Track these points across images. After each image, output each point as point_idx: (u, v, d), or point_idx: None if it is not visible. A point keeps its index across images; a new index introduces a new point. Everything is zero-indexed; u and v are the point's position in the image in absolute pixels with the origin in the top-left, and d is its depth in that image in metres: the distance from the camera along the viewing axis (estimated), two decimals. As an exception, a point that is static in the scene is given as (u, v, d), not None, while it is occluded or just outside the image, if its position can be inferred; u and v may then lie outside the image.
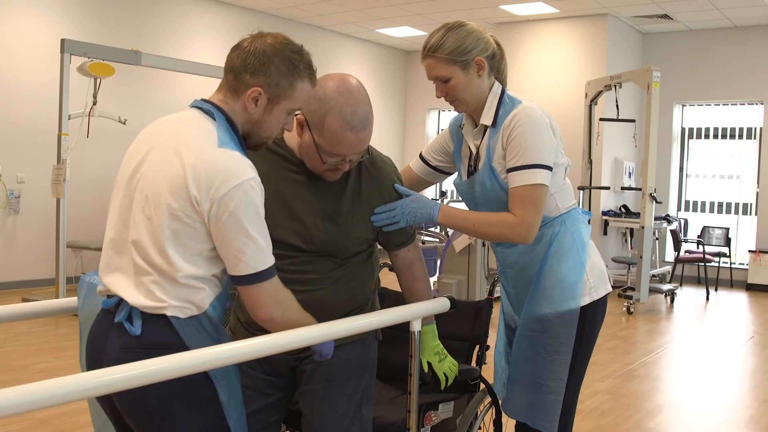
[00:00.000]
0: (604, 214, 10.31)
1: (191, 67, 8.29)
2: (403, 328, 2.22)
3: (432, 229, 9.32)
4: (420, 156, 2.58)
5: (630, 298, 8.13)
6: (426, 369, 2.32)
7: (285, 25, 11.12)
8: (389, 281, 2.60)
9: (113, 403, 1.84)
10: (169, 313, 1.76)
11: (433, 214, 2.23)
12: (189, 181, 1.72)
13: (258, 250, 1.75)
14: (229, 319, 2.38)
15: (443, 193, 10.04)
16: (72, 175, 7.13)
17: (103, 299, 1.86)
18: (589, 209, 9.56)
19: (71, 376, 1.41)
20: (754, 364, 6.17)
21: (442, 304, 2.33)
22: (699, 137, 11.16)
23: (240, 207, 1.72)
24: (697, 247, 10.16)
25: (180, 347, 1.74)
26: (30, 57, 8.19)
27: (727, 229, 10.49)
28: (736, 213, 10.87)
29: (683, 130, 11.22)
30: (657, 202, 8.30)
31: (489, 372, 2.63)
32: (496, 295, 2.72)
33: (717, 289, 10.15)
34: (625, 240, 10.75)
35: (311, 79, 1.91)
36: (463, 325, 2.74)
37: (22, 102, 8.13)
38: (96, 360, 1.82)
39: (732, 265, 10.53)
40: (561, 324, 2.28)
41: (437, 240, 9.29)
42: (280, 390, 2.26)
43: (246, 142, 1.90)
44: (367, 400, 2.26)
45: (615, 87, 8.90)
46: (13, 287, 8.08)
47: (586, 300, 2.30)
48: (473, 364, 2.70)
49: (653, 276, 9.62)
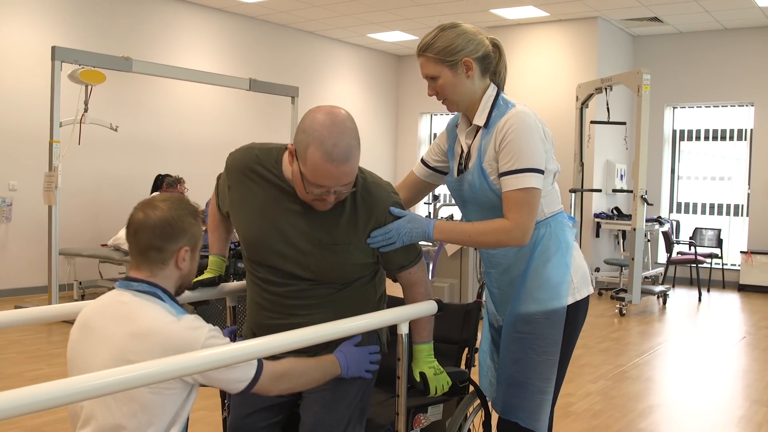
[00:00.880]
0: (596, 216, 10.34)
1: (182, 74, 8.30)
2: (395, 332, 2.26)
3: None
4: (421, 159, 2.63)
5: (622, 299, 8.15)
6: (418, 379, 2.33)
7: (276, 31, 11.14)
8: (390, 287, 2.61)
9: None
10: None
11: (429, 231, 2.27)
12: (166, 352, 1.81)
13: (237, 367, 1.91)
14: (242, 328, 2.46)
15: (436, 197, 10.06)
16: (64, 183, 7.13)
17: None
18: (581, 212, 9.61)
19: (61, 380, 1.43)
20: (745, 364, 6.19)
21: (430, 307, 2.35)
22: (690, 139, 11.21)
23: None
24: (689, 249, 10.20)
25: None
26: (21, 64, 8.19)
27: (719, 231, 10.53)
28: (727, 214, 10.91)
29: (674, 132, 11.27)
30: (648, 204, 8.33)
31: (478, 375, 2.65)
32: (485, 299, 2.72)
33: (709, 290, 10.18)
34: (618, 242, 10.78)
35: (201, 215, 2.13)
36: (452, 328, 2.75)
37: (12, 109, 8.13)
38: None
39: (724, 266, 10.57)
40: (548, 325, 2.33)
41: (429, 244, 9.31)
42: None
43: (177, 292, 2.10)
44: (362, 410, 2.30)
45: (606, 90, 8.94)
46: (6, 295, 8.07)
47: (569, 300, 2.35)
48: (462, 366, 2.71)
49: (645, 278, 9.65)
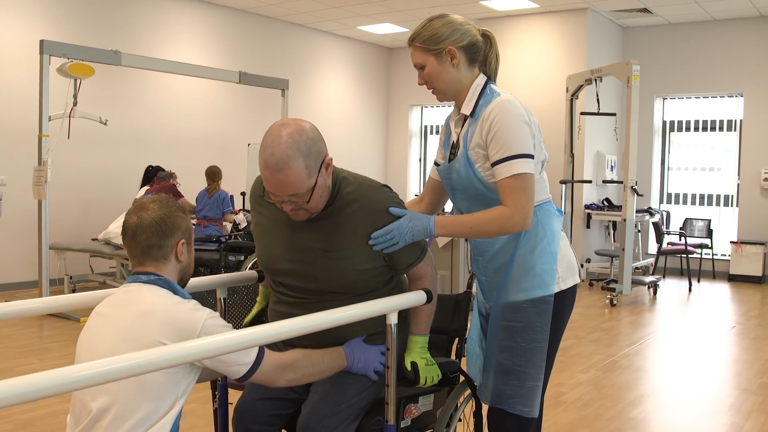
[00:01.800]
0: (586, 207, 10.37)
1: (172, 67, 8.27)
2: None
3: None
4: (434, 161, 2.64)
5: (613, 290, 8.19)
6: (409, 368, 2.36)
7: (266, 24, 11.11)
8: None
9: None
10: None
11: (430, 227, 2.28)
12: (168, 335, 1.96)
13: (240, 354, 2.00)
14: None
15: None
16: (53, 177, 7.11)
17: None
18: (572, 203, 9.63)
19: (56, 369, 1.47)
20: (735, 353, 6.23)
21: (418, 297, 2.36)
22: (680, 130, 11.24)
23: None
24: (680, 239, 10.24)
25: None
26: (9, 58, 8.14)
27: (709, 221, 10.58)
28: (717, 204, 10.96)
29: (664, 123, 11.30)
30: (638, 194, 8.35)
31: (468, 364, 2.66)
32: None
33: (699, 281, 10.23)
34: (608, 233, 10.82)
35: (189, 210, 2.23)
36: (442, 319, 2.76)
37: (1, 104, 8.09)
38: None
39: (714, 257, 10.62)
40: (536, 313, 2.36)
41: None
42: (300, 388, 2.39)
43: (180, 284, 2.20)
44: (360, 409, 2.34)
45: (595, 81, 8.95)
46: (-4, 290, 8.06)
47: (555, 289, 2.37)
48: (452, 356, 2.72)
49: (636, 268, 9.69)
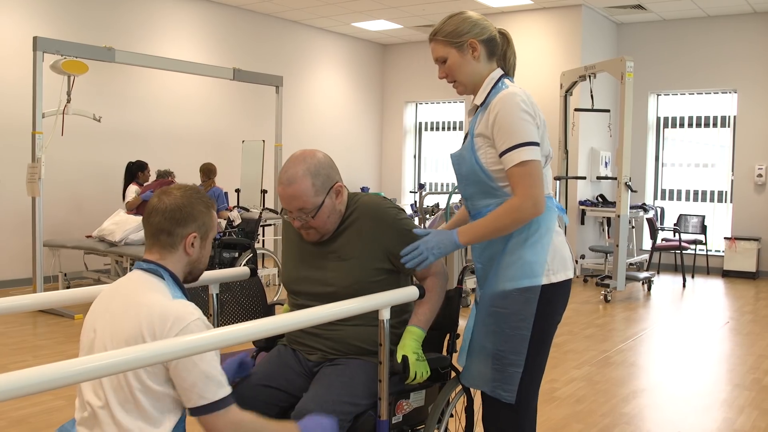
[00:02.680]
0: (581, 203, 10.38)
1: (165, 64, 8.26)
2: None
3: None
4: None
5: (607, 286, 8.21)
6: (399, 360, 2.39)
7: (260, 20, 11.10)
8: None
9: None
10: None
11: (455, 239, 2.36)
12: (145, 332, 1.95)
13: (209, 382, 1.94)
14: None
15: (422, 186, 10.06)
16: (47, 174, 7.09)
17: None
18: (566, 199, 9.65)
19: (54, 363, 1.44)
20: (728, 349, 6.25)
21: (410, 292, 2.37)
22: (674, 126, 11.26)
23: None
24: (674, 235, 10.26)
25: None
26: (2, 55, 8.12)
27: (703, 217, 10.60)
28: (711, 201, 10.98)
29: (658, 119, 11.32)
30: (632, 191, 8.38)
31: (460, 360, 2.66)
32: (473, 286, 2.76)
33: (693, 276, 10.26)
34: (602, 229, 10.84)
35: (215, 206, 2.24)
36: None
37: (-5, 101, 8.07)
38: None
39: (708, 253, 10.65)
40: (522, 301, 2.38)
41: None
42: (301, 382, 2.50)
43: (187, 279, 2.21)
44: (353, 407, 2.35)
45: (589, 77, 8.96)
46: (-10, 287, 8.04)
47: (543, 281, 2.39)
48: (444, 352, 2.73)
49: (630, 264, 9.71)
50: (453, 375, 2.67)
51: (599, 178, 10.50)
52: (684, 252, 10.03)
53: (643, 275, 8.97)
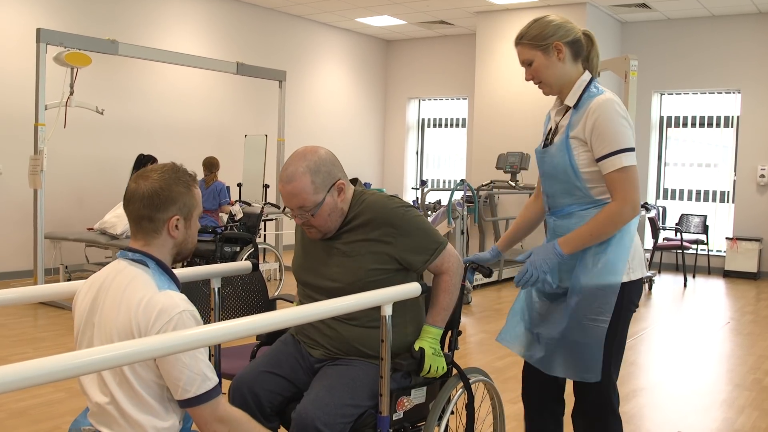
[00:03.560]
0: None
1: (168, 57, 8.25)
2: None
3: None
4: None
5: (608, 285, 8.18)
6: (416, 348, 2.46)
7: (264, 15, 11.09)
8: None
9: None
10: None
11: (557, 251, 2.49)
12: (132, 326, 1.94)
13: (193, 375, 1.92)
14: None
15: (423, 182, 10.06)
16: (49, 166, 7.08)
17: None
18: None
19: (54, 356, 1.44)
20: (729, 349, 6.24)
21: (413, 289, 2.36)
22: (677, 125, 11.24)
23: None
24: (675, 235, 10.25)
25: None
26: (5, 47, 8.12)
27: (705, 217, 10.59)
28: (713, 201, 10.97)
29: (661, 118, 11.30)
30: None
31: (461, 358, 2.65)
32: (476, 283, 2.78)
33: (695, 276, 10.25)
34: (604, 228, 10.81)
35: (196, 182, 2.17)
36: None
37: (-2, 92, 8.07)
38: None
39: (709, 253, 10.64)
40: (602, 296, 2.51)
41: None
42: (303, 375, 2.52)
43: (177, 259, 2.17)
44: (355, 408, 2.36)
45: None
46: (-9, 279, 8.05)
47: (624, 279, 2.53)
48: (446, 349, 2.72)
49: (632, 263, 9.68)
50: (455, 372, 2.67)
51: (602, 176, 10.48)
52: (685, 252, 10.02)
53: (644, 274, 8.94)
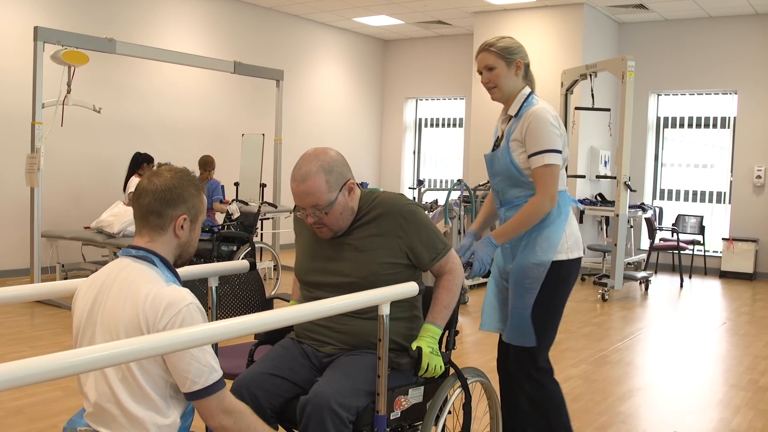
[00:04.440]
0: (580, 202, 10.37)
1: (166, 56, 8.24)
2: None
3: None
4: None
5: (605, 285, 8.21)
6: (414, 348, 2.48)
7: (261, 14, 11.08)
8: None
9: None
10: None
11: (493, 242, 2.95)
12: (140, 320, 1.96)
13: (201, 367, 1.96)
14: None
15: (420, 182, 10.07)
16: (46, 164, 7.07)
17: None
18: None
19: (54, 354, 1.43)
20: (725, 349, 6.26)
21: (410, 288, 2.37)
22: (674, 126, 11.26)
23: None
24: (672, 235, 10.27)
25: None
26: (2, 45, 8.10)
27: (702, 218, 10.61)
28: (710, 201, 10.98)
29: (658, 119, 11.31)
30: (632, 190, 8.37)
31: (458, 358, 2.66)
32: (472, 283, 2.85)
33: (691, 277, 10.27)
34: (601, 228, 10.84)
35: (204, 189, 2.22)
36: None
37: (-6, 90, 8.06)
38: None
39: (706, 253, 10.65)
40: (536, 268, 2.95)
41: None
42: (307, 373, 2.55)
43: (177, 262, 2.19)
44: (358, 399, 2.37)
45: (590, 76, 8.96)
46: (-12, 277, 8.03)
47: (562, 256, 2.97)
48: (443, 348, 2.72)
49: (628, 264, 9.71)
50: (452, 372, 2.67)
51: (598, 177, 10.50)
52: (682, 252, 10.04)
53: (641, 275, 8.97)
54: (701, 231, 10.50)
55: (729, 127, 10.74)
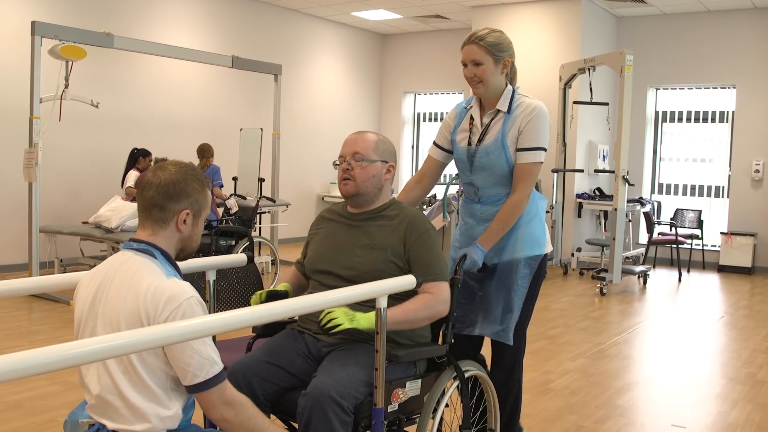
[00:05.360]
0: (578, 196, 10.38)
1: (164, 50, 8.23)
2: None
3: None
4: (435, 145, 3.21)
5: (603, 279, 8.22)
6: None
7: (259, 8, 11.07)
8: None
9: None
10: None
11: (482, 250, 2.89)
12: (141, 313, 1.97)
13: (203, 360, 1.97)
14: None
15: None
16: (44, 159, 7.07)
17: (84, 430, 2.08)
18: (563, 192, 9.68)
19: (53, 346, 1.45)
20: (723, 343, 6.27)
21: (408, 281, 2.37)
22: (672, 120, 11.25)
23: None
24: (670, 230, 10.27)
25: None
26: (0, 39, 8.09)
27: (700, 212, 10.61)
28: (708, 195, 10.99)
29: (657, 113, 11.31)
30: (630, 184, 8.37)
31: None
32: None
33: (689, 271, 10.27)
34: (599, 222, 10.84)
35: (209, 185, 2.21)
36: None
37: (-8, 85, 8.04)
38: None
39: (704, 247, 10.66)
40: (526, 266, 2.99)
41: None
42: (303, 363, 2.57)
43: (179, 257, 2.19)
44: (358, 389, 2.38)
45: (589, 70, 8.96)
46: (-14, 272, 8.03)
47: (546, 250, 3.06)
48: (439, 342, 2.73)
49: (626, 258, 9.72)
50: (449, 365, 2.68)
51: (597, 171, 10.50)
52: (680, 246, 10.05)
53: (639, 269, 8.98)
54: (699, 225, 10.51)
55: (727, 122, 10.74)
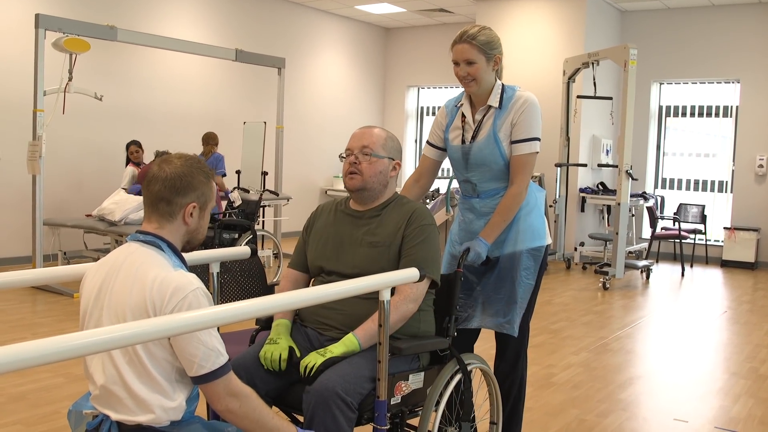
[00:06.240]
0: (581, 191, 10.38)
1: (168, 43, 8.23)
2: None
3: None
4: (429, 144, 3.23)
5: (606, 273, 8.21)
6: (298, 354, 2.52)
7: (263, 2, 11.05)
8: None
9: None
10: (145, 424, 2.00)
11: (485, 242, 2.92)
12: (147, 304, 1.98)
13: (209, 351, 1.98)
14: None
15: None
16: (48, 152, 7.08)
17: (88, 421, 2.07)
18: (567, 186, 9.67)
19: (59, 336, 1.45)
20: (726, 338, 6.26)
21: (411, 274, 2.38)
22: (676, 115, 11.23)
23: None
24: (673, 224, 10.26)
25: None
26: (4, 32, 8.09)
27: (703, 207, 10.60)
28: (711, 190, 10.97)
29: (660, 107, 11.29)
30: (633, 179, 8.36)
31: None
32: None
33: (692, 266, 10.27)
34: (602, 217, 10.83)
35: (214, 177, 2.24)
36: (437, 299, 2.79)
37: (-4, 78, 8.05)
38: None
39: (707, 242, 10.65)
40: (529, 258, 3.02)
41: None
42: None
43: (185, 248, 2.21)
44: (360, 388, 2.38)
45: (593, 64, 8.94)
46: (-10, 265, 8.05)
47: (546, 241, 3.08)
48: (446, 335, 2.73)
49: (629, 252, 9.71)
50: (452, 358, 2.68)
51: (600, 165, 10.49)
52: (683, 241, 10.04)
53: (642, 263, 8.97)
54: (703, 220, 10.49)
55: (731, 116, 10.72)
